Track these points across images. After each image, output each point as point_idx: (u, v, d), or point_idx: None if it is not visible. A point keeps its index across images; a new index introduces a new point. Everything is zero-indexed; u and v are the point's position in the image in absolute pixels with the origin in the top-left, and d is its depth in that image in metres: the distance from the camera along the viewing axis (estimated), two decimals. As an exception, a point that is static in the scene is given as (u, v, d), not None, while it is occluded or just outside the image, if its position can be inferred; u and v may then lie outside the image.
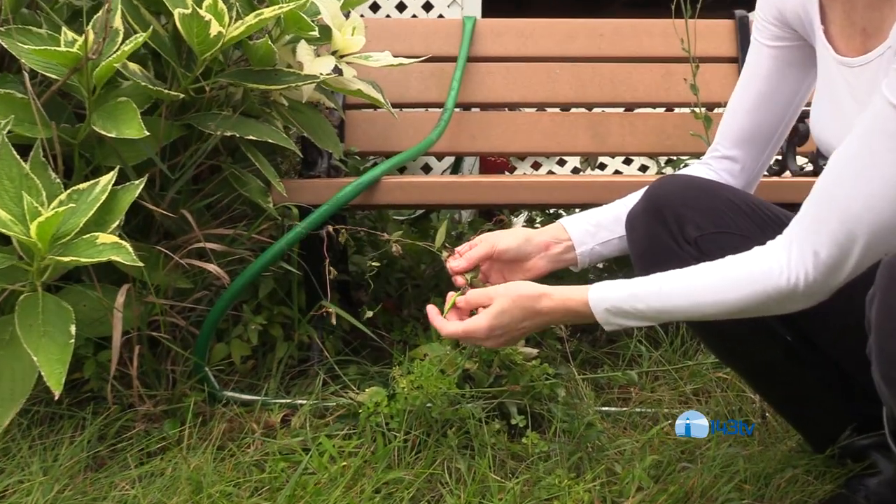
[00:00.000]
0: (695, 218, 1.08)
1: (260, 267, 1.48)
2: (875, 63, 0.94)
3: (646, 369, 1.70)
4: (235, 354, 1.61)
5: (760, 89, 1.17)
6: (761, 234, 1.07)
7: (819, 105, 1.07)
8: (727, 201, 1.10)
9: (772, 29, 1.14)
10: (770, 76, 1.16)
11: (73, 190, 1.22)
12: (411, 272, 2.21)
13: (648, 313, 1.00)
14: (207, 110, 1.55)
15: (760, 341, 1.14)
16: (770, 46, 1.15)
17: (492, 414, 1.46)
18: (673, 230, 1.08)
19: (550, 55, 2.13)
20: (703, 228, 1.07)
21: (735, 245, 1.05)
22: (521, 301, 1.05)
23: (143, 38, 1.25)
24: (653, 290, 0.99)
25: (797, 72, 1.15)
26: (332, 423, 1.49)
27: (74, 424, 1.38)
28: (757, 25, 1.18)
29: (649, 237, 1.11)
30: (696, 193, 1.10)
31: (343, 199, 1.52)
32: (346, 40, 1.59)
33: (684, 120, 2.14)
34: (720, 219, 1.08)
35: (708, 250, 1.06)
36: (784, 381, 1.18)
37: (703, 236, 1.07)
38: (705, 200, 1.10)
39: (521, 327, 1.07)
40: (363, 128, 2.04)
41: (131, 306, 1.41)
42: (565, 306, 1.04)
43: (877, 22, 0.94)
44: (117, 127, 1.26)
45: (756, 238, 1.06)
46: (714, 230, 1.07)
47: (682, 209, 1.08)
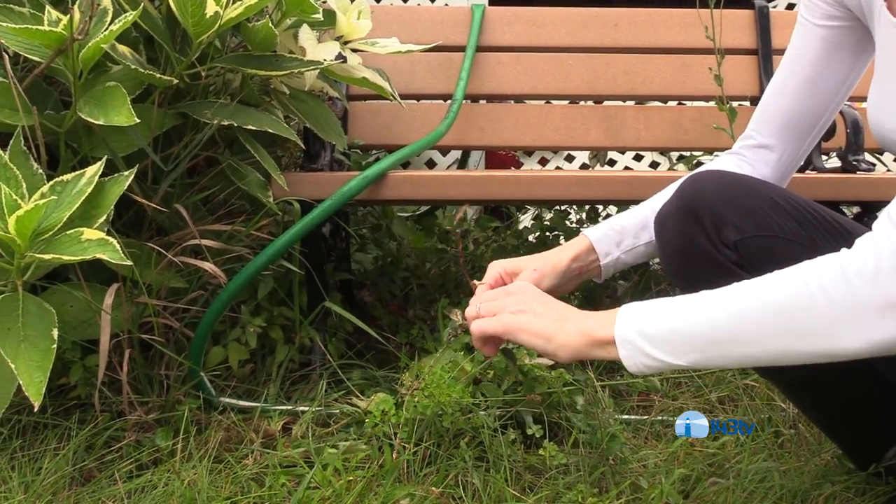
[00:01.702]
0: (734, 219, 0.97)
1: (259, 265, 1.38)
2: None
3: (668, 375, 1.61)
4: (233, 358, 1.51)
5: (807, 73, 1.09)
6: (807, 237, 0.98)
7: (882, 89, 0.98)
8: (770, 200, 0.99)
9: (824, 7, 1.06)
10: (818, 59, 1.08)
11: (57, 181, 1.13)
12: (416, 271, 2.12)
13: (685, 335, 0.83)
14: (203, 98, 1.46)
15: None
16: (820, 26, 1.07)
17: (506, 423, 1.37)
18: (709, 231, 0.98)
19: (563, 45, 2.05)
20: (744, 231, 0.97)
21: (779, 249, 0.96)
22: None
23: (133, 17, 1.16)
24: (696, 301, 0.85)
25: (848, 56, 1.06)
26: (335, 432, 1.39)
27: (59, 434, 1.28)
28: (806, 3, 1.09)
29: (683, 238, 1.00)
30: (736, 191, 1.00)
31: (348, 194, 1.43)
32: (352, 25, 1.50)
33: (701, 113, 2.06)
34: (763, 220, 0.97)
35: (748, 255, 0.97)
36: (831, 398, 1.08)
37: (744, 239, 0.97)
38: (746, 199, 0.99)
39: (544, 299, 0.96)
40: (367, 119, 1.95)
41: (121, 307, 1.31)
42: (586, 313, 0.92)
43: None
44: (105, 114, 1.16)
45: (802, 241, 0.97)
46: (755, 233, 0.97)
47: (720, 208, 0.98)
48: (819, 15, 1.07)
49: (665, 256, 1.05)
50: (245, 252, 1.49)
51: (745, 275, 0.96)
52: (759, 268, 0.96)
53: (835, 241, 0.97)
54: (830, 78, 1.09)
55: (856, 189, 1.58)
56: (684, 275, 1.02)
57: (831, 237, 0.98)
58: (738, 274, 0.96)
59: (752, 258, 0.96)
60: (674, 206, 1.02)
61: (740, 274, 0.96)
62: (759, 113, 1.16)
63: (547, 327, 0.90)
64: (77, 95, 1.23)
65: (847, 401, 1.08)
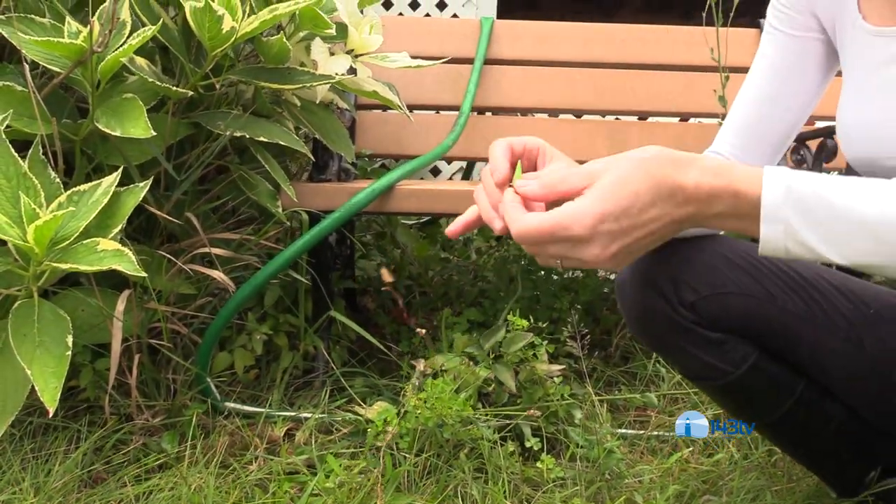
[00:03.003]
0: (689, 280, 0.98)
1: (267, 276, 1.41)
2: None
3: (665, 391, 1.64)
4: (238, 365, 1.54)
5: (780, 84, 1.08)
6: (762, 289, 0.99)
7: (857, 100, 0.99)
8: (722, 257, 0.99)
9: (796, 17, 1.06)
10: (791, 69, 1.07)
11: (74, 191, 1.15)
12: (419, 279, 2.14)
13: (837, 214, 0.68)
14: (216, 108, 1.48)
15: (771, 394, 1.06)
16: (793, 36, 1.07)
17: (505, 435, 1.40)
18: (667, 295, 0.98)
19: (569, 60, 2.07)
20: (699, 291, 0.98)
21: (735, 304, 0.98)
22: (653, 168, 0.70)
23: (151, 32, 1.18)
24: (875, 188, 0.69)
25: (818, 69, 1.07)
26: (338, 440, 1.42)
27: (69, 437, 1.31)
28: (777, 13, 1.09)
29: (643, 303, 1.01)
30: (689, 253, 1.00)
31: (356, 206, 1.46)
32: (363, 39, 1.52)
33: (704, 131, 2.08)
34: (716, 278, 0.98)
35: (706, 313, 0.98)
36: (806, 436, 1.11)
37: (700, 300, 0.98)
38: (699, 260, 0.99)
39: (648, 218, 0.70)
40: (375, 129, 1.97)
41: (132, 312, 1.34)
42: (724, 180, 0.70)
43: None
44: (122, 125, 1.19)
45: (756, 294, 0.99)
46: (710, 292, 0.98)
47: (675, 272, 0.99)
48: (791, 25, 1.07)
49: (629, 320, 1.06)
50: (253, 260, 1.52)
51: (707, 333, 0.99)
52: (718, 324, 0.99)
53: (790, 289, 0.99)
54: (803, 90, 1.09)
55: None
56: (648, 335, 1.05)
57: (786, 286, 0.99)
58: (698, 332, 0.99)
59: (709, 316, 0.98)
60: (631, 273, 1.02)
61: (701, 332, 0.98)
62: (730, 125, 1.14)
63: (665, 235, 0.74)
64: (94, 105, 1.26)
65: (822, 439, 1.10)
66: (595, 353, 1.89)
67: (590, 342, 1.93)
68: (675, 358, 1.08)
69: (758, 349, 1.04)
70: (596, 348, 1.93)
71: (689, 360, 1.05)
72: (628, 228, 0.70)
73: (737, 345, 1.03)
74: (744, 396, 1.07)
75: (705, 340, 1.02)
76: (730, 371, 1.04)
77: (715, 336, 1.02)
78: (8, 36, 1.21)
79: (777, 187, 0.69)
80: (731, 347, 1.03)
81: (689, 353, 1.04)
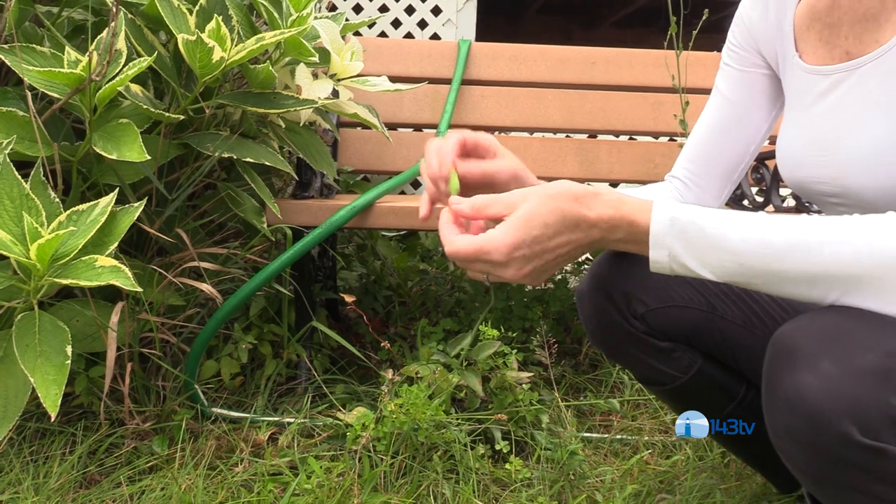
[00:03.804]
0: (640, 294, 1.10)
1: (252, 289, 1.50)
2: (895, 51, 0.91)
3: (627, 397, 1.74)
4: (225, 372, 1.63)
5: (732, 116, 1.18)
6: (706, 302, 1.11)
7: (791, 130, 1.08)
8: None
9: (744, 54, 1.16)
10: (742, 103, 1.17)
11: (73, 211, 1.24)
12: (398, 289, 2.23)
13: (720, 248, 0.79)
14: (206, 129, 1.57)
15: (716, 398, 1.17)
16: (742, 72, 1.16)
17: (476, 438, 1.49)
18: (620, 307, 1.10)
19: (543, 81, 2.17)
20: (648, 304, 1.10)
21: (681, 316, 1.10)
22: (559, 202, 0.80)
23: (146, 63, 1.27)
24: (746, 228, 0.80)
25: (767, 102, 1.17)
26: (319, 443, 1.51)
27: (65, 441, 1.39)
28: (728, 51, 1.18)
29: (599, 314, 1.13)
30: (640, 269, 1.10)
31: (337, 224, 1.55)
32: (345, 65, 1.62)
33: (671, 149, 2.19)
34: (664, 292, 1.10)
35: (655, 324, 1.10)
36: (750, 440, 1.21)
37: (649, 311, 1.10)
38: (650, 276, 1.10)
39: (555, 244, 0.81)
40: (356, 146, 2.06)
41: (124, 323, 1.42)
42: (620, 212, 0.81)
43: (871, 32, 0.96)
44: (118, 149, 1.28)
45: (700, 307, 1.10)
46: (658, 305, 1.10)
47: (627, 286, 1.10)
48: (741, 62, 1.16)
49: (587, 329, 1.17)
50: (239, 273, 1.60)
51: (656, 342, 1.10)
52: (666, 334, 1.11)
53: (730, 301, 1.10)
54: (753, 121, 1.18)
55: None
56: (605, 344, 1.16)
57: (727, 298, 1.10)
58: (649, 342, 1.10)
59: (658, 326, 1.10)
60: (589, 285, 1.14)
61: (651, 342, 1.09)
62: (686, 152, 1.23)
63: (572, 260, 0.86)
64: (92, 129, 1.34)
65: (763, 439, 1.20)
66: (565, 360, 1.99)
67: (561, 350, 2.03)
68: (629, 364, 1.19)
69: (703, 356, 1.15)
70: (566, 356, 2.03)
71: (641, 367, 1.16)
72: (539, 252, 0.82)
73: (684, 353, 1.14)
74: (691, 400, 1.18)
75: (655, 349, 1.13)
76: (678, 377, 1.15)
77: (663, 345, 1.13)
78: (11, 64, 1.29)
79: (663, 218, 0.81)
80: (679, 355, 1.14)
81: (641, 361, 1.15)
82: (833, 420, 0.70)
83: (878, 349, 0.72)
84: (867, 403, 0.70)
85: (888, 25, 0.94)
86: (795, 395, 0.73)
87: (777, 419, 0.77)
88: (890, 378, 0.71)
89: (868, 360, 0.72)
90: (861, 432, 0.70)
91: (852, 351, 0.73)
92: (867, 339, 0.73)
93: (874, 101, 0.94)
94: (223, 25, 1.38)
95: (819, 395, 0.71)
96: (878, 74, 0.94)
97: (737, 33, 1.19)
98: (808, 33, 1.07)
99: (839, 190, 0.98)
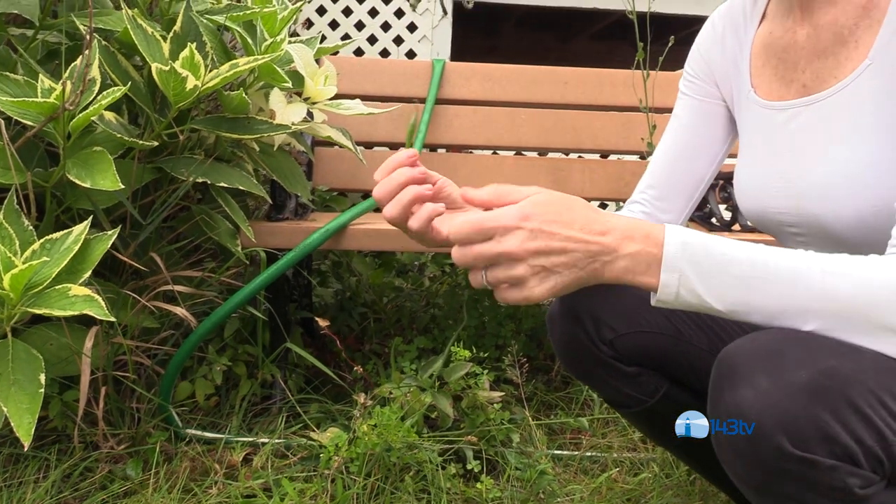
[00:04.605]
0: (609, 320, 1.13)
1: (226, 312, 1.51)
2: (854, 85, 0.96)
3: (597, 415, 1.77)
4: (199, 394, 1.64)
5: (691, 141, 1.22)
6: (673, 328, 1.14)
7: (747, 166, 1.12)
8: (639, 298, 1.11)
9: (701, 84, 1.20)
10: (699, 129, 1.21)
11: (47, 239, 1.25)
12: (374, 306, 2.25)
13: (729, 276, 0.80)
14: (180, 153, 1.58)
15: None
16: (699, 100, 1.21)
17: (448, 458, 1.52)
18: (589, 331, 1.13)
19: (516, 100, 2.21)
20: (617, 329, 1.12)
21: (649, 341, 1.13)
22: (580, 200, 0.82)
23: (120, 93, 1.29)
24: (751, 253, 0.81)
25: (722, 130, 1.21)
26: (293, 464, 1.53)
27: (39, 466, 1.40)
28: (686, 80, 1.23)
29: (568, 337, 1.15)
30: (610, 295, 1.14)
31: (310, 246, 1.57)
32: (319, 89, 1.64)
33: (641, 168, 2.23)
34: (633, 318, 1.13)
35: (623, 349, 1.13)
36: (707, 455, 1.24)
37: (618, 337, 1.13)
38: (618, 301, 1.14)
39: (565, 236, 0.78)
40: (332, 165, 2.08)
41: (98, 346, 1.43)
42: (637, 223, 0.82)
43: (829, 69, 1.00)
44: (92, 177, 1.29)
45: (668, 332, 1.14)
46: (627, 330, 1.13)
47: (597, 311, 1.13)
48: (698, 91, 1.21)
49: (556, 351, 1.20)
50: (214, 295, 1.62)
51: (623, 367, 1.13)
52: (633, 359, 1.14)
53: (696, 327, 1.14)
54: (710, 147, 1.22)
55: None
56: (574, 366, 1.18)
57: (693, 324, 1.14)
58: (616, 366, 1.13)
59: (626, 352, 1.12)
60: (559, 308, 1.16)
61: (618, 366, 1.13)
62: (646, 177, 1.27)
63: (580, 280, 0.81)
64: (65, 156, 1.35)
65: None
66: (537, 376, 2.02)
67: (533, 367, 2.07)
68: (597, 387, 1.22)
69: (669, 381, 1.19)
70: (539, 372, 2.06)
71: (609, 390, 1.20)
72: (549, 235, 0.77)
73: (650, 377, 1.18)
74: (657, 422, 1.21)
75: (622, 373, 1.16)
76: (644, 400, 1.18)
77: (630, 370, 1.16)
78: (-16, 93, 1.30)
79: (676, 241, 0.81)
80: (645, 380, 1.17)
81: (608, 384, 1.18)
82: (768, 432, 0.74)
83: (811, 367, 0.76)
84: (799, 417, 0.73)
85: (847, 63, 0.98)
86: (735, 409, 0.77)
87: (720, 433, 0.80)
88: (821, 394, 0.74)
89: (800, 376, 0.75)
90: (793, 444, 0.73)
91: (787, 368, 0.76)
92: (802, 358, 0.77)
93: (833, 133, 0.98)
94: (196, 53, 1.40)
95: (755, 409, 0.75)
96: (836, 108, 0.98)
97: (693, 65, 1.23)
98: (763, 69, 1.11)
99: (800, 220, 1.02)
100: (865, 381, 0.75)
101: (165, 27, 1.55)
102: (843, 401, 0.74)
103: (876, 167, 0.93)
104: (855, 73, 0.96)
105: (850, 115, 0.96)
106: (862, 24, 0.98)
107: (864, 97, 0.95)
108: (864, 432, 0.74)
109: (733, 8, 1.19)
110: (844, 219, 0.96)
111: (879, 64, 0.94)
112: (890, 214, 0.88)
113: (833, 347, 0.78)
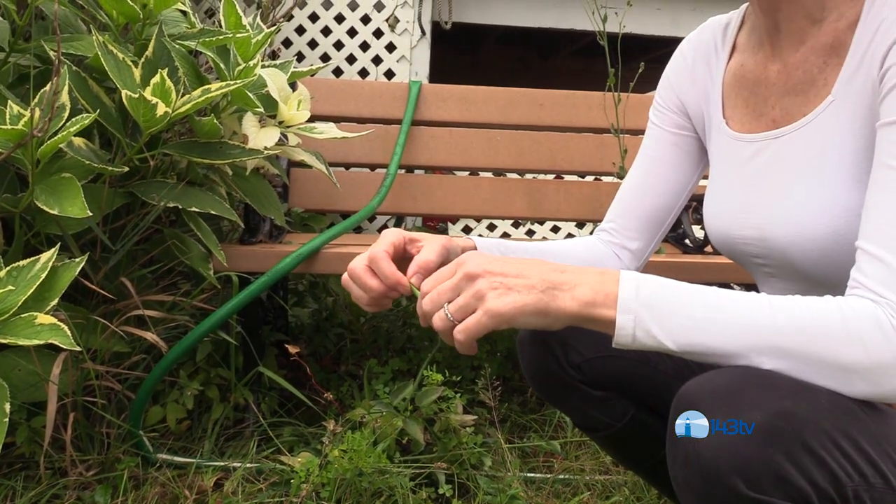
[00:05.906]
0: (577, 344, 1.14)
1: (197, 337, 1.51)
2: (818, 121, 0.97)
3: (570, 438, 1.78)
4: (171, 418, 1.63)
5: (661, 173, 1.22)
6: (641, 354, 1.15)
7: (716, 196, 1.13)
8: None
9: (672, 116, 1.21)
10: (669, 161, 1.22)
11: (13, 267, 1.24)
12: (350, 326, 2.25)
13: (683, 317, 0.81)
14: (152, 177, 1.58)
15: (648, 444, 1.21)
16: (670, 132, 1.21)
17: (421, 482, 1.52)
18: (558, 356, 1.14)
19: (492, 122, 2.22)
20: (585, 354, 1.14)
21: (616, 366, 1.14)
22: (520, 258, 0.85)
23: (89, 120, 1.29)
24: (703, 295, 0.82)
25: (691, 162, 1.22)
26: (265, 489, 1.52)
27: (4, 494, 1.38)
28: (656, 112, 1.23)
29: (537, 361, 1.16)
30: None
31: (282, 271, 1.57)
32: (292, 114, 1.64)
33: (616, 189, 2.24)
34: (602, 343, 1.13)
35: (591, 373, 1.14)
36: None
37: (586, 361, 1.14)
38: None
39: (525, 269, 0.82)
40: (308, 186, 2.08)
41: (67, 371, 1.42)
42: (590, 268, 0.84)
43: (798, 105, 1.01)
44: (60, 204, 1.29)
45: (635, 357, 1.14)
46: (595, 354, 1.14)
47: (565, 336, 1.14)
48: (668, 123, 1.21)
49: (527, 375, 1.22)
50: (186, 320, 1.61)
51: (591, 391, 1.14)
52: (601, 383, 1.14)
53: (667, 356, 1.14)
54: (679, 180, 1.22)
55: (738, 274, 1.78)
56: (543, 390, 1.19)
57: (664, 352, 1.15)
58: (584, 390, 1.14)
59: (594, 376, 1.14)
60: (529, 333, 1.17)
61: (587, 390, 1.13)
62: (614, 206, 1.26)
63: (540, 302, 0.82)
64: (34, 182, 1.35)
65: None
66: (513, 397, 2.03)
67: (509, 388, 2.07)
68: (567, 410, 1.23)
69: (637, 405, 1.20)
70: (515, 393, 2.06)
71: (577, 413, 1.20)
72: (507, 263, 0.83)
73: (618, 401, 1.18)
74: (626, 446, 1.22)
75: (590, 397, 1.17)
76: (613, 424, 1.19)
77: (598, 394, 1.17)
78: (-48, 119, 1.30)
79: (630, 284, 0.83)
80: (613, 404, 1.18)
81: (577, 408, 1.19)
82: (722, 473, 0.74)
83: (765, 408, 0.76)
84: (753, 459, 0.74)
85: (815, 100, 1.00)
86: (691, 448, 0.77)
87: (676, 470, 0.81)
88: (775, 436, 0.75)
89: (754, 417, 0.76)
90: (747, 486, 0.74)
91: (742, 409, 0.77)
92: (757, 399, 0.77)
93: (796, 169, 0.99)
94: (168, 79, 1.40)
95: (709, 449, 0.76)
96: (800, 144, 1.00)
97: (664, 94, 1.24)
98: (735, 100, 1.12)
99: (765, 252, 1.03)
100: (820, 422, 0.76)
101: (138, 52, 1.56)
102: (798, 443, 0.75)
103: (836, 203, 0.94)
104: (818, 108, 0.98)
105: (814, 150, 0.98)
106: (831, 63, 0.99)
107: (826, 133, 0.97)
108: (817, 474, 0.75)
109: (703, 38, 1.20)
110: (808, 253, 0.97)
111: (842, 100, 0.96)
112: (852, 252, 0.89)
113: (789, 388, 0.79)
